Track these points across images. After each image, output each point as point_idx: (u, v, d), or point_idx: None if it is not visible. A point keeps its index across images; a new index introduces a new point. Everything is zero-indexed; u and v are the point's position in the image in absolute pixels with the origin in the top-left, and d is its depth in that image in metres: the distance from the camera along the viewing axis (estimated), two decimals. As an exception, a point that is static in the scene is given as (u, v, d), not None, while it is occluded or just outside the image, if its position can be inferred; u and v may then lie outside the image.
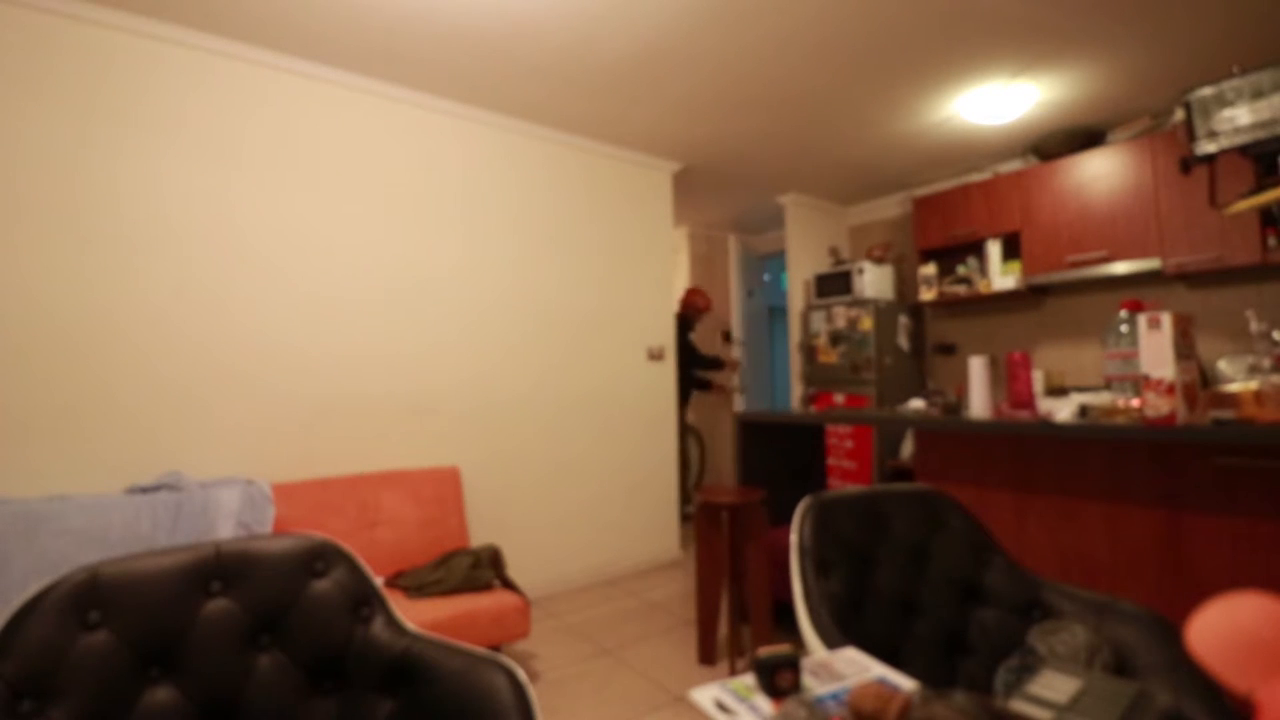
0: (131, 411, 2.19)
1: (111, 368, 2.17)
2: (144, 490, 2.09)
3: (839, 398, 4.11)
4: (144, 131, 2.26)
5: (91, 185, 2.16)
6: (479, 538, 2.91)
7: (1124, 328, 1.82)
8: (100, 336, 2.15)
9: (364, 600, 1.13)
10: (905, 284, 4.34)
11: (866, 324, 4.00)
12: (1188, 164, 1.59)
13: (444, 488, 2.60)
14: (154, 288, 2.26)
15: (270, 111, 2.51)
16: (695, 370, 4.59)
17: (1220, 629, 0.57)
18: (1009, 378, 1.99)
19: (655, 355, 3.71)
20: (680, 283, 5.32)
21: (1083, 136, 3.38)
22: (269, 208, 2.50)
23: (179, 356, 2.29)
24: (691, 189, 4.27)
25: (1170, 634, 1.14)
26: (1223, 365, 2.57)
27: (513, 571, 2.99)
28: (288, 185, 2.54)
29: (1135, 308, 1.80)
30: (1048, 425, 1.76)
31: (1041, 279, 3.51)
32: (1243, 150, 1.49)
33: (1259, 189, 1.49)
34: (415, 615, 1.94)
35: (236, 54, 2.42)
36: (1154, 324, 1.56)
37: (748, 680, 0.85)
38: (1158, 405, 1.55)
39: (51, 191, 2.10)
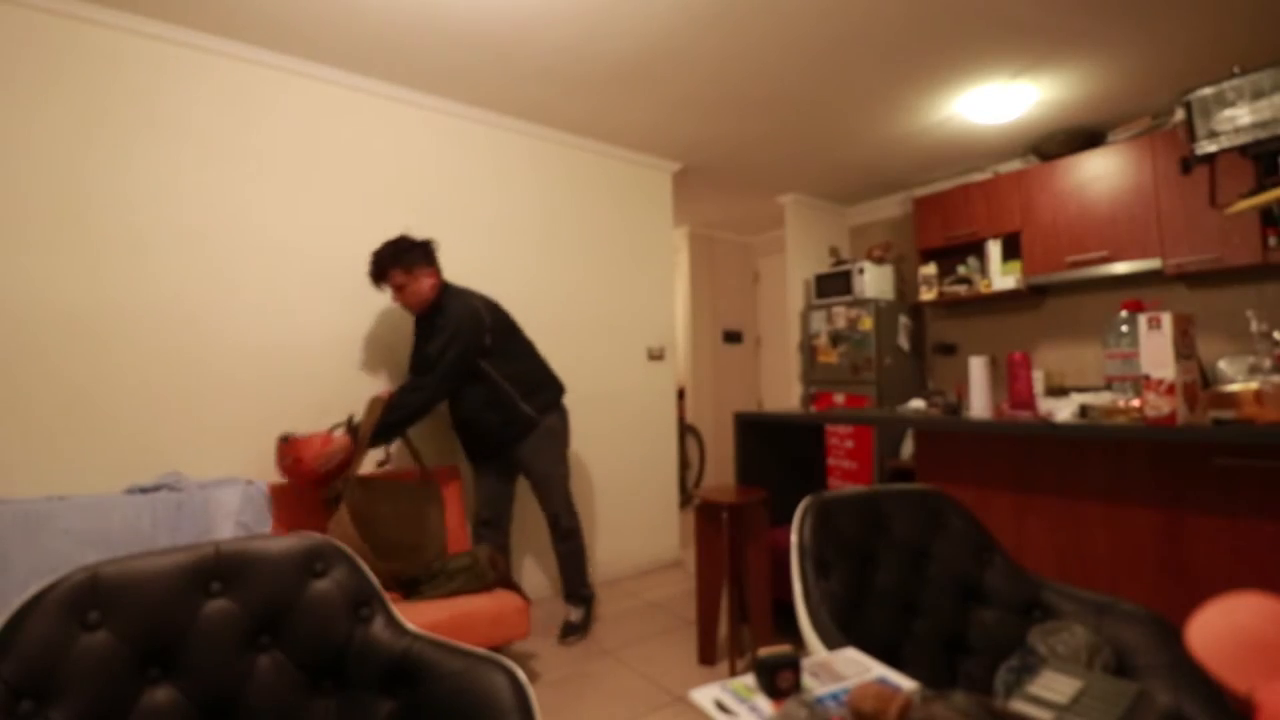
0: (132, 412, 2.19)
1: (112, 368, 2.17)
2: (144, 490, 2.09)
3: (839, 398, 4.11)
4: (150, 134, 2.26)
5: (96, 186, 2.16)
6: (479, 538, 2.91)
7: (1124, 328, 1.82)
8: (100, 337, 2.15)
9: (364, 600, 1.13)
10: (905, 284, 4.34)
11: (866, 324, 4.00)
12: (1188, 164, 1.59)
13: (443, 488, 2.59)
14: (155, 289, 2.26)
15: (272, 113, 2.51)
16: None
17: (1220, 629, 0.57)
18: (1009, 378, 1.99)
19: (655, 355, 3.70)
20: (681, 283, 5.32)
21: (1083, 136, 3.38)
22: (271, 209, 2.50)
23: (179, 357, 2.29)
24: (691, 189, 4.27)
25: (1170, 634, 1.14)
26: (1223, 365, 2.57)
27: (512, 571, 2.98)
28: (289, 187, 2.54)
29: (1135, 308, 1.80)
30: (1048, 425, 1.75)
31: (1042, 279, 3.51)
32: (1243, 150, 1.49)
33: (1259, 189, 1.49)
34: (414, 616, 1.94)
35: (238, 54, 2.42)
36: (1154, 324, 1.56)
37: (748, 680, 0.85)
38: (1158, 405, 1.55)
39: (57, 192, 2.10)
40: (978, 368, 2.07)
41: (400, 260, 2.37)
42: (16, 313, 2.03)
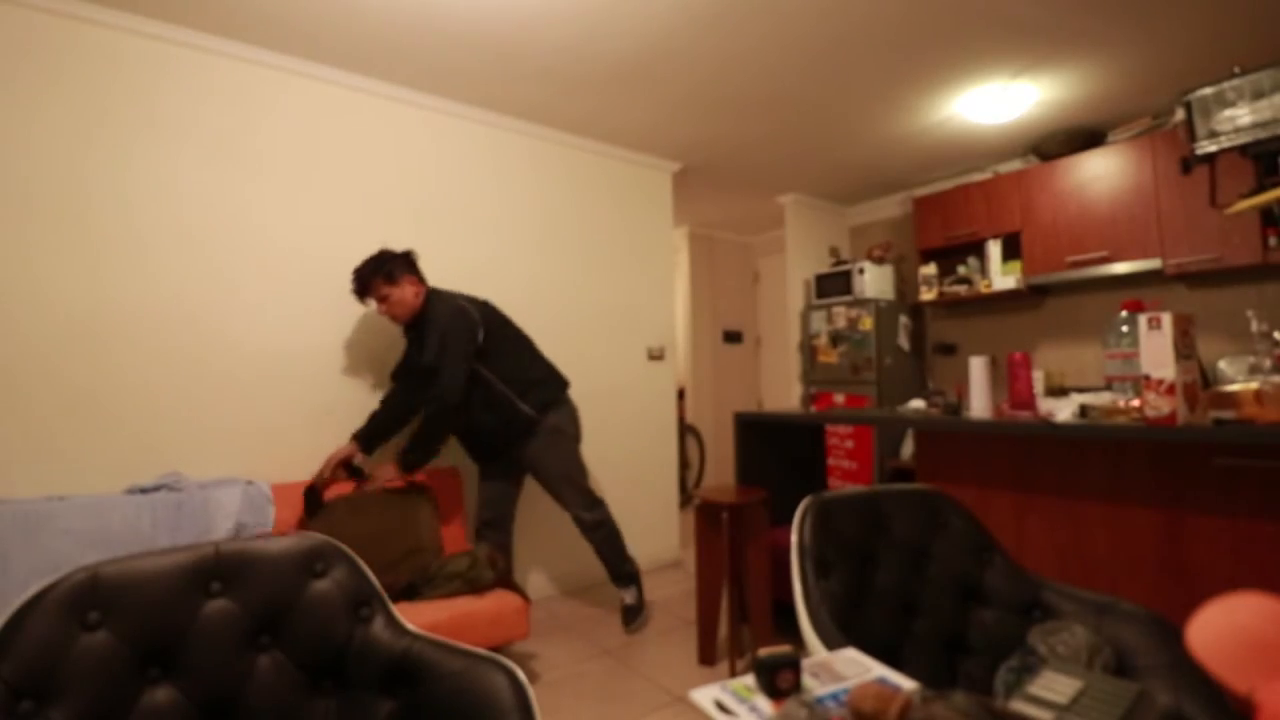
0: (132, 412, 2.19)
1: (112, 368, 2.17)
2: (144, 490, 2.09)
3: (839, 398, 4.11)
4: (150, 134, 2.26)
5: (96, 186, 2.16)
6: (479, 538, 2.91)
7: (1124, 328, 1.82)
8: (101, 337, 2.15)
9: (364, 600, 1.13)
10: (905, 284, 4.34)
11: (867, 324, 4.00)
12: (1188, 164, 1.59)
13: (444, 488, 2.59)
14: (155, 289, 2.26)
15: (272, 113, 2.51)
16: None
17: (1220, 629, 0.57)
18: (1009, 378, 1.99)
19: (655, 355, 3.71)
20: (681, 283, 5.32)
21: (1083, 136, 3.38)
22: (271, 209, 2.50)
23: (180, 357, 2.29)
24: (691, 189, 4.27)
25: (1170, 634, 1.14)
26: (1223, 365, 2.57)
27: (513, 571, 2.98)
28: (290, 187, 2.54)
29: (1135, 308, 1.80)
30: (1048, 425, 1.75)
31: (1042, 279, 3.51)
32: (1243, 150, 1.49)
33: (1259, 189, 1.49)
34: (414, 616, 1.94)
35: (238, 54, 2.42)
36: (1154, 324, 1.56)
37: (748, 681, 0.85)
38: (1158, 405, 1.55)
39: (57, 192, 2.10)
40: (978, 368, 2.07)
41: (381, 270, 2.35)
42: (17, 312, 2.03)
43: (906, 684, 0.81)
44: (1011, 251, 3.63)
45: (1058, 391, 2.48)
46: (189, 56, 2.35)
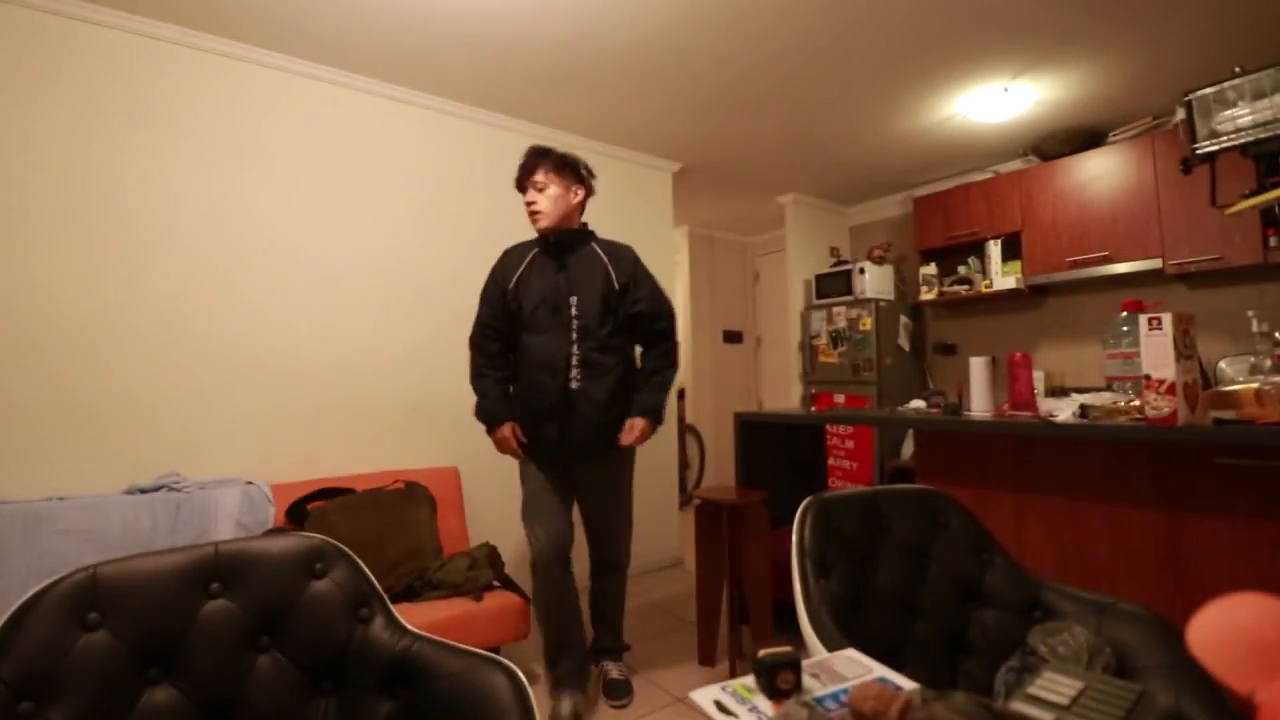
0: (131, 412, 2.19)
1: (112, 368, 2.17)
2: (143, 490, 2.09)
3: (839, 398, 4.11)
4: (151, 132, 2.26)
5: (96, 186, 2.17)
6: (478, 538, 2.90)
7: (1124, 328, 1.82)
8: (101, 337, 2.16)
9: (364, 601, 1.13)
10: (906, 284, 4.34)
11: (867, 324, 4.00)
12: (1188, 164, 1.59)
13: (444, 488, 2.59)
14: (154, 289, 2.26)
15: (272, 113, 2.51)
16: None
17: (1221, 629, 0.56)
18: (1009, 378, 1.99)
19: (655, 355, 3.70)
20: (681, 283, 5.32)
21: (1083, 136, 3.38)
22: (270, 209, 2.50)
23: (179, 357, 2.29)
24: (691, 189, 4.26)
25: (1171, 635, 1.14)
26: (1224, 365, 2.57)
27: (512, 573, 2.98)
28: (289, 187, 2.54)
29: (1136, 308, 1.80)
30: (1048, 425, 1.75)
31: (1042, 279, 3.51)
32: (1243, 150, 1.49)
33: (1260, 189, 1.49)
34: (414, 616, 1.93)
35: (238, 54, 2.42)
36: (1154, 324, 1.56)
37: (748, 681, 0.85)
38: (1158, 405, 1.55)
39: (56, 191, 2.10)
40: (978, 368, 2.07)
41: (581, 165, 2.19)
42: (16, 312, 2.03)
43: (907, 684, 0.81)
44: (1011, 251, 3.63)
45: (1058, 391, 2.48)
46: (188, 56, 2.35)
